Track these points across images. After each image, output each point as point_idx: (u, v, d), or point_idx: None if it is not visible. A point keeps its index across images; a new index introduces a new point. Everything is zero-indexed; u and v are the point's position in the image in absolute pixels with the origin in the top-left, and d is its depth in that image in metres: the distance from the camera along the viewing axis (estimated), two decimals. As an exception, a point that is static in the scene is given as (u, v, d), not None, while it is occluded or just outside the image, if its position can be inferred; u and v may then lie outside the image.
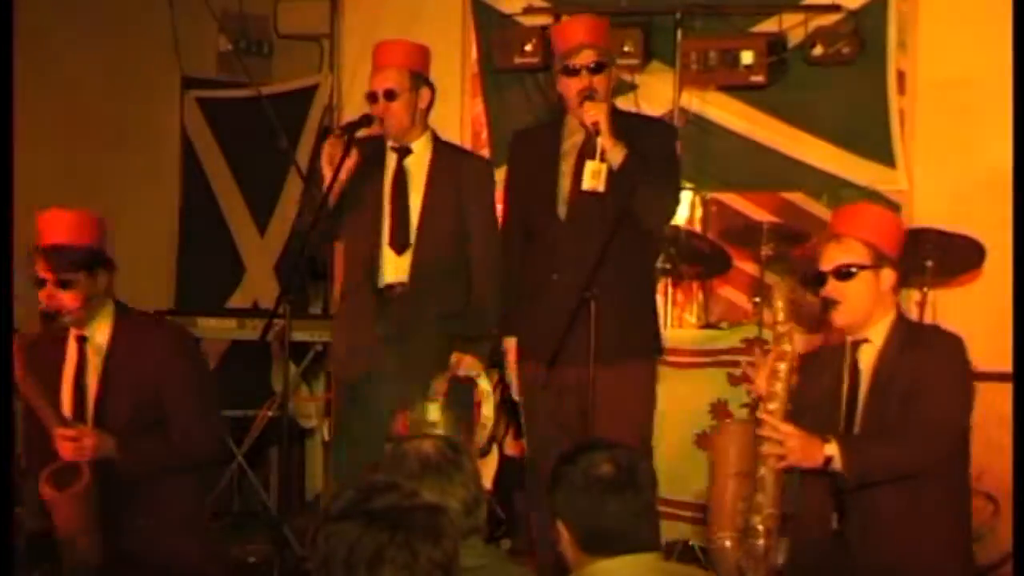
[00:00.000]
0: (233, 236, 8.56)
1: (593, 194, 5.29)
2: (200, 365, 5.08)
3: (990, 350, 6.07)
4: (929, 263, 6.41)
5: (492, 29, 7.72)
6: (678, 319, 7.32)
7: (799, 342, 4.69)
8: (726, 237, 7.06)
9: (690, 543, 6.39)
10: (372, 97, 5.54)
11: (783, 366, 4.50)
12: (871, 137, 7.10)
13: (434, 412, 5.32)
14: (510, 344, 5.57)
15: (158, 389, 4.83)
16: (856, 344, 4.59)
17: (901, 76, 7.10)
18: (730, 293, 7.47)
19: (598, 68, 5.34)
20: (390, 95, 5.52)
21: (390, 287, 5.50)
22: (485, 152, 7.85)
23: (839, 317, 4.56)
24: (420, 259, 5.50)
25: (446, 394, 5.35)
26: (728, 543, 4.50)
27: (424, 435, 3.63)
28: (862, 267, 4.54)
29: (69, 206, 7.73)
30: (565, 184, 5.41)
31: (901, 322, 4.61)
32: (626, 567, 3.32)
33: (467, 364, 5.46)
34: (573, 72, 5.34)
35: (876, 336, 4.57)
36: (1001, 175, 6.20)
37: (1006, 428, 5.75)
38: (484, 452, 5.90)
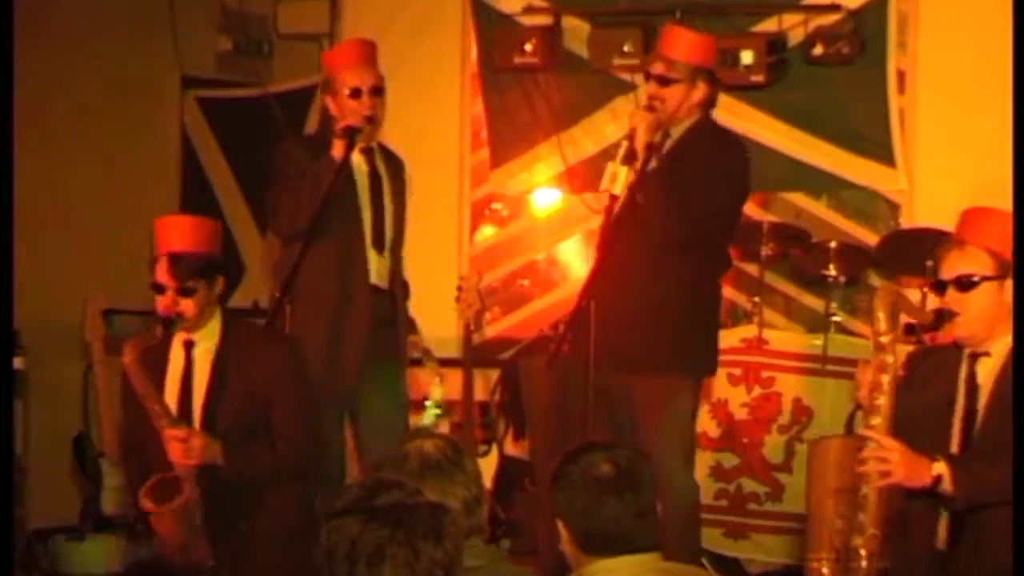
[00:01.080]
0: (233, 236, 8.56)
1: (630, 204, 5.26)
2: (307, 378, 5.02)
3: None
4: (929, 263, 6.39)
5: (492, 29, 7.72)
6: (678, 319, 7.31)
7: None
8: (726, 237, 7.05)
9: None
10: (356, 93, 5.50)
11: (886, 379, 4.15)
12: (871, 137, 7.10)
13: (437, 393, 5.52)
14: None
15: (268, 399, 4.83)
16: (975, 357, 4.29)
17: (901, 76, 7.10)
18: (730, 293, 7.46)
19: (663, 81, 5.32)
20: (378, 91, 5.53)
21: (374, 285, 5.59)
22: (485, 152, 7.86)
23: (958, 329, 4.25)
24: (396, 258, 5.64)
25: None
26: (825, 568, 4.26)
27: (426, 435, 3.63)
28: (985, 278, 4.23)
29: (68, 205, 7.79)
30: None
31: None
32: (626, 567, 3.32)
33: (420, 343, 5.81)
34: (647, 77, 5.40)
35: (996, 350, 4.25)
36: (1001, 175, 6.19)
37: (1006, 428, 5.74)
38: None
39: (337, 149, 5.41)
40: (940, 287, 4.31)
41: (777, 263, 7.05)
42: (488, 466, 6.58)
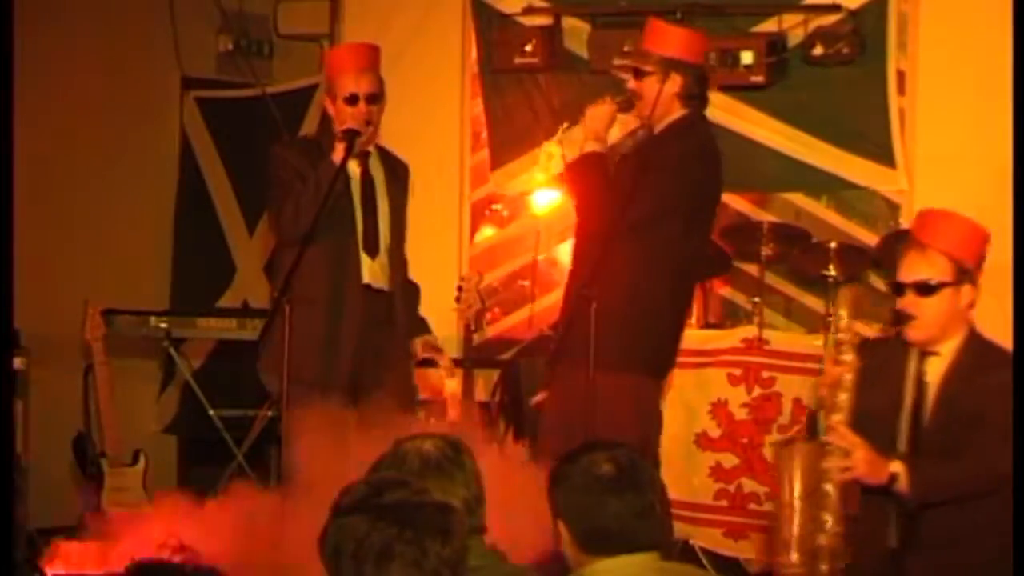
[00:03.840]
0: (225, 236, 8.56)
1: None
2: None
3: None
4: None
5: (492, 29, 7.71)
6: (678, 319, 7.31)
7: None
8: (726, 237, 7.06)
9: (689, 542, 6.39)
10: (353, 100, 5.51)
11: (848, 376, 4.23)
12: (871, 137, 7.10)
13: (452, 385, 5.69)
14: None
15: None
16: (923, 356, 4.36)
17: (901, 76, 7.10)
18: (730, 293, 7.47)
19: (638, 74, 5.41)
20: (375, 98, 5.54)
21: (368, 287, 5.62)
22: (485, 153, 7.86)
23: (914, 333, 4.31)
24: (395, 261, 5.67)
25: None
26: (795, 571, 4.25)
27: (426, 434, 3.63)
28: (944, 284, 4.29)
29: (68, 205, 7.78)
30: None
31: (973, 339, 4.37)
32: (626, 567, 3.32)
33: (433, 343, 5.80)
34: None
35: (946, 351, 4.33)
36: (1001, 175, 6.19)
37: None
38: None
39: (338, 152, 5.43)
40: (899, 289, 4.35)
41: (777, 263, 7.05)
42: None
